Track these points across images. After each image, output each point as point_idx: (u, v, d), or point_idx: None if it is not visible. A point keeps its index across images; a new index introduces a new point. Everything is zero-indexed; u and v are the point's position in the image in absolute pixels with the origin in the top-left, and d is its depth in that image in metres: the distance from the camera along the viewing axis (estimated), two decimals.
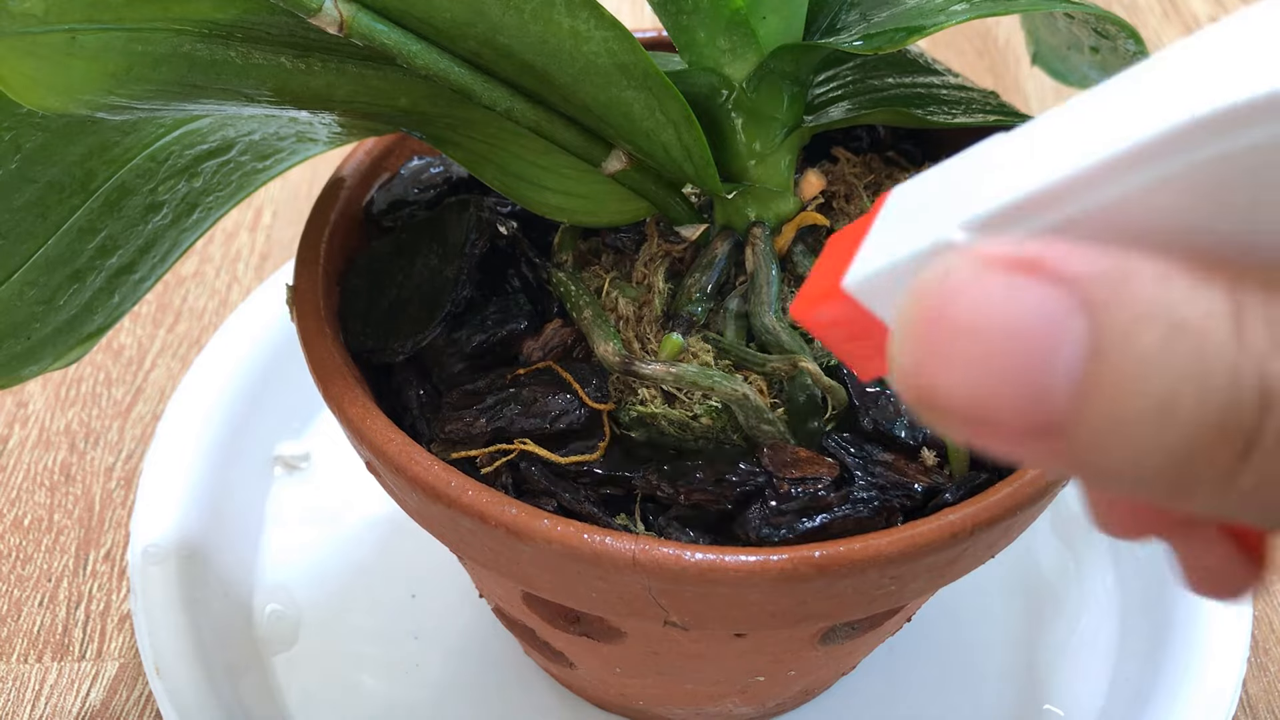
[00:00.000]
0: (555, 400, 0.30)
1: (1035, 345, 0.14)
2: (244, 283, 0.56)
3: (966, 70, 0.70)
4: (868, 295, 0.18)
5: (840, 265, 0.19)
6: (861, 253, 0.18)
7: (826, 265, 0.20)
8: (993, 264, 0.15)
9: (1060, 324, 0.14)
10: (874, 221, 0.19)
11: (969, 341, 0.15)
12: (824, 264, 0.20)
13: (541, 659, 0.39)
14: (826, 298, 0.19)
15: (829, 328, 0.19)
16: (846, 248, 0.19)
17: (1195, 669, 0.39)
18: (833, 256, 0.20)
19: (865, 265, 0.18)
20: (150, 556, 0.42)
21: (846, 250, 0.19)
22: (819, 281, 0.19)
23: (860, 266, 0.18)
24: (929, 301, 0.15)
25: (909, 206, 0.18)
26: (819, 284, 0.19)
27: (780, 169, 0.33)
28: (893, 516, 0.29)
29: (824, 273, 0.19)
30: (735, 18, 0.30)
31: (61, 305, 0.31)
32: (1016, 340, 0.15)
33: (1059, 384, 0.14)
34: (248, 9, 0.26)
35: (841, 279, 0.18)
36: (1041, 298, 0.14)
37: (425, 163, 0.38)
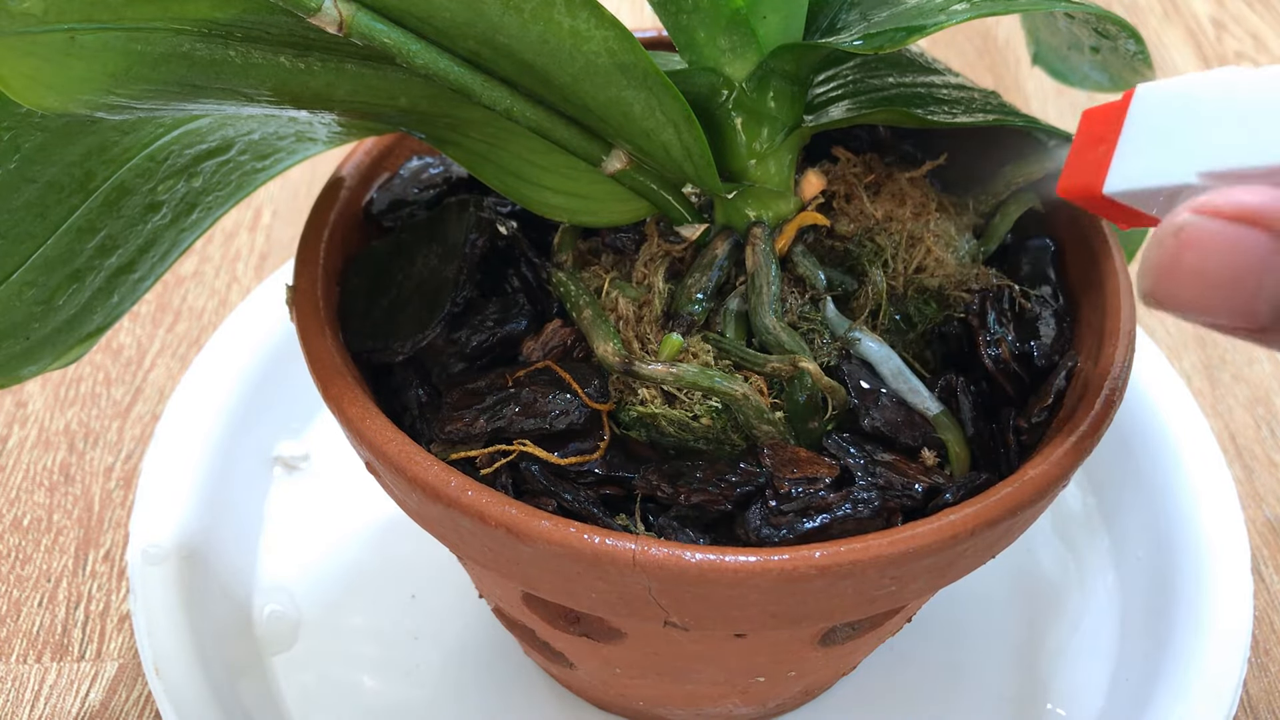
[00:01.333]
0: (555, 400, 0.30)
1: (1246, 278, 0.20)
2: (243, 283, 0.56)
3: (966, 70, 0.70)
4: (1127, 198, 0.24)
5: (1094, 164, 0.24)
6: (1115, 165, 0.24)
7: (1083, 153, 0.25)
8: (1216, 213, 0.21)
9: (1266, 261, 0.20)
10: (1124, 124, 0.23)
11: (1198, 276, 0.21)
12: (1080, 151, 0.25)
13: (541, 659, 0.39)
14: (1087, 194, 0.25)
15: (1090, 203, 0.25)
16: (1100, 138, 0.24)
17: (1195, 669, 0.39)
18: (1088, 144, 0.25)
19: (1119, 179, 0.23)
20: (150, 557, 0.42)
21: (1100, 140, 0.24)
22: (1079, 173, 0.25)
23: (1115, 179, 0.24)
24: (1167, 246, 0.21)
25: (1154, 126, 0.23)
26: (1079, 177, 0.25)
27: (780, 169, 0.33)
28: (893, 517, 0.29)
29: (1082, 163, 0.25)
30: (735, 17, 0.30)
31: (61, 305, 0.31)
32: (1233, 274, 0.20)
33: (1265, 303, 0.20)
34: (247, 8, 0.26)
35: (1100, 186, 0.24)
36: (1250, 241, 0.20)
37: (425, 163, 0.38)
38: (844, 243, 0.34)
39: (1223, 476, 0.45)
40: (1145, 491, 0.45)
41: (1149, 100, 0.23)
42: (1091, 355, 0.32)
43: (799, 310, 0.32)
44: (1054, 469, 0.28)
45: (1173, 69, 0.71)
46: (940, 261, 0.34)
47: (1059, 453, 0.29)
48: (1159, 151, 0.22)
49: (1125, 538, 0.45)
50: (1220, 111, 0.21)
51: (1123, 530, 0.46)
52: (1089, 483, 0.48)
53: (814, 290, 0.33)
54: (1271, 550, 0.46)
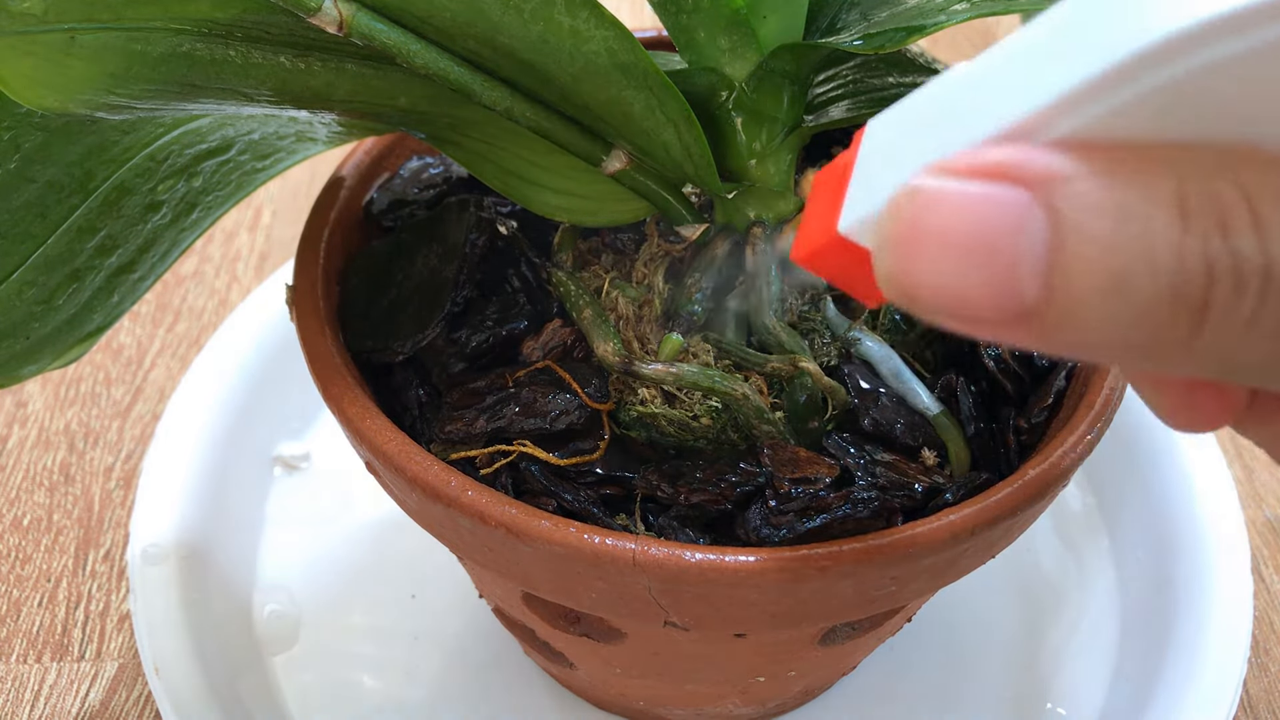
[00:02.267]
0: (555, 400, 0.30)
1: (1001, 241, 0.16)
2: (243, 282, 0.56)
3: None
4: (861, 235, 0.19)
5: (830, 208, 0.20)
6: (850, 195, 0.19)
7: (817, 207, 0.21)
8: (959, 172, 0.17)
9: (1021, 219, 0.16)
10: (855, 161, 0.20)
11: (942, 244, 0.17)
12: (814, 206, 0.21)
13: (541, 659, 0.39)
14: (823, 242, 0.20)
15: (829, 267, 0.21)
16: (833, 189, 0.20)
17: (1196, 669, 0.39)
18: (822, 197, 0.20)
19: (855, 208, 0.19)
20: (150, 556, 0.42)
21: (834, 191, 0.20)
22: (813, 224, 0.21)
23: (851, 209, 0.19)
24: (903, 213, 0.17)
25: (887, 144, 0.19)
26: (814, 227, 0.20)
27: (780, 169, 0.33)
28: (893, 516, 0.29)
29: (817, 215, 0.20)
30: (735, 17, 0.30)
31: (61, 305, 0.31)
32: (984, 239, 0.16)
33: (1026, 275, 0.16)
34: (247, 8, 0.26)
35: (835, 223, 0.20)
36: (1002, 197, 0.16)
37: (425, 162, 0.38)
38: None
39: (1223, 476, 0.45)
40: (1145, 491, 0.45)
41: (876, 130, 0.20)
42: None
43: (799, 310, 0.32)
44: (1054, 469, 0.28)
45: None
46: None
47: (1059, 453, 0.29)
48: (894, 163, 0.18)
49: (1125, 538, 0.45)
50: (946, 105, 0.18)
51: (1123, 530, 0.46)
52: (1089, 483, 0.48)
53: (814, 290, 0.33)
54: (1271, 550, 0.46)
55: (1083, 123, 0.16)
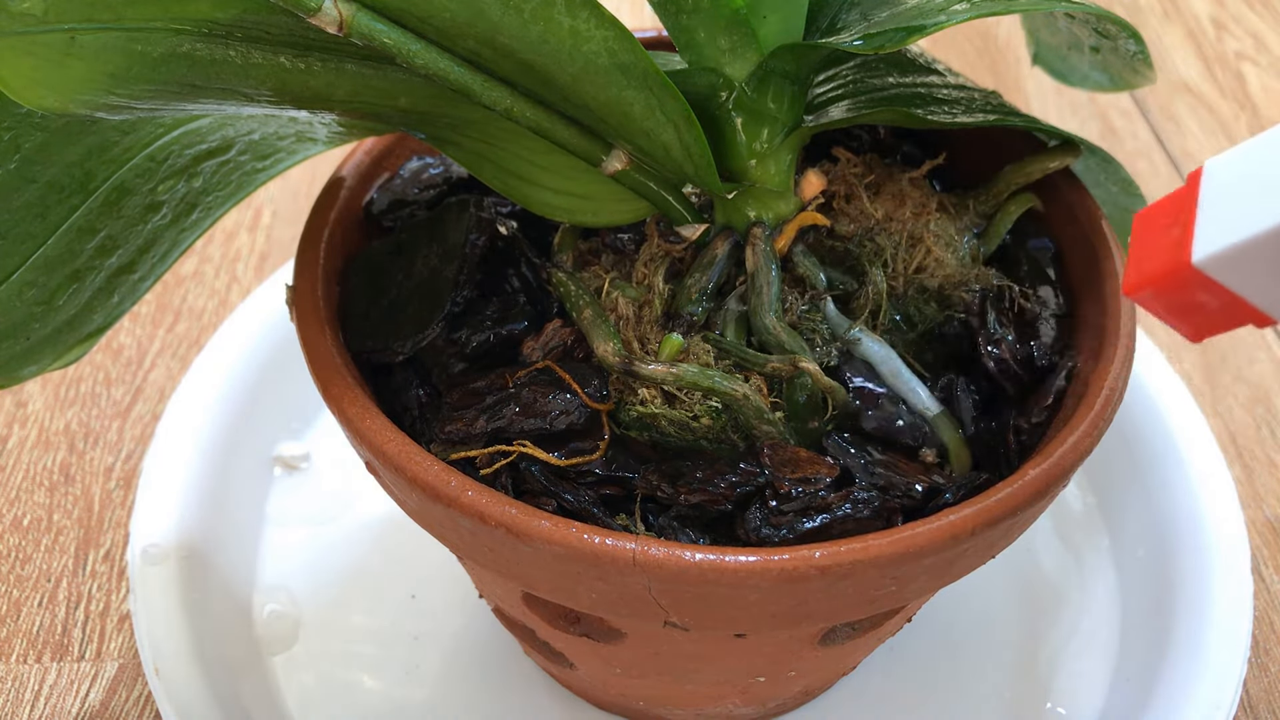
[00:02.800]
0: (555, 400, 0.30)
1: None
2: (244, 283, 0.56)
3: (966, 70, 0.70)
4: (1221, 268, 0.20)
5: (1170, 243, 0.20)
6: (1201, 231, 0.20)
7: (1149, 243, 0.21)
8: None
9: None
10: (1199, 199, 0.20)
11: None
12: (1144, 242, 0.21)
13: (541, 659, 0.39)
14: (1171, 276, 0.20)
15: (1168, 302, 0.21)
16: (1168, 225, 0.21)
17: (1196, 669, 0.39)
18: (1153, 234, 0.21)
19: (1213, 241, 0.20)
20: (150, 556, 0.42)
21: (1168, 228, 0.21)
22: (1150, 259, 0.21)
23: (1208, 242, 0.20)
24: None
25: (1237, 184, 0.20)
26: (1152, 262, 0.21)
27: (780, 169, 0.33)
28: (893, 517, 0.29)
29: (1150, 250, 0.21)
30: (735, 17, 0.30)
31: (61, 305, 0.31)
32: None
33: None
34: (247, 8, 0.26)
35: (1185, 256, 0.20)
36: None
37: (425, 163, 0.38)
38: (844, 243, 0.34)
39: (1223, 476, 0.45)
40: (1145, 492, 0.45)
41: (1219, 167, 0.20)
42: (1091, 355, 0.32)
43: (799, 310, 0.32)
44: (1054, 469, 0.28)
45: (1173, 69, 0.71)
46: (940, 261, 0.34)
47: (1059, 453, 0.29)
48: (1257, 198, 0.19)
49: (1125, 538, 0.45)
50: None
51: (1123, 530, 0.46)
52: (1089, 483, 0.48)
53: (814, 290, 0.32)
54: (1271, 550, 0.46)
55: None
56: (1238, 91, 0.69)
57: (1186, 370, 0.53)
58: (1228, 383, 0.52)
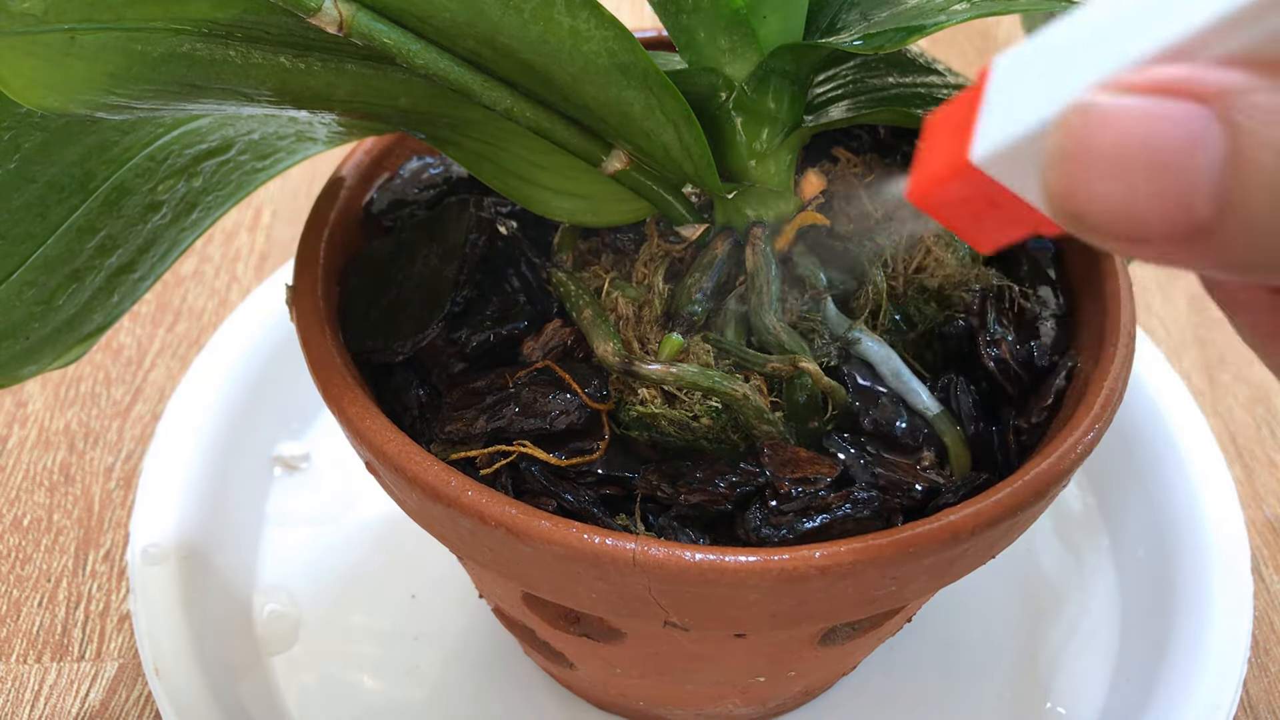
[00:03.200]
0: (555, 400, 0.30)
1: (1176, 156, 0.16)
2: (243, 282, 0.56)
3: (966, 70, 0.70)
4: (998, 166, 0.19)
5: (953, 144, 0.19)
6: (981, 128, 0.19)
7: (934, 146, 0.20)
8: (1131, 88, 0.16)
9: (1197, 133, 0.16)
10: (983, 97, 0.19)
11: (1115, 160, 0.16)
12: (931, 146, 0.20)
13: (541, 659, 0.39)
14: (950, 175, 0.19)
15: (950, 206, 0.20)
16: (954, 126, 0.19)
17: (1196, 669, 0.39)
18: (939, 137, 0.20)
19: (992, 136, 0.19)
20: (150, 556, 0.42)
21: (955, 129, 0.19)
22: (933, 162, 0.20)
23: (987, 138, 0.19)
24: (1075, 130, 0.17)
25: (1022, 77, 0.19)
26: (934, 164, 0.20)
27: (780, 169, 0.33)
28: (893, 517, 0.29)
29: (936, 153, 0.20)
30: (735, 17, 0.30)
31: (61, 305, 0.31)
32: (1158, 153, 0.16)
33: (1201, 189, 0.16)
34: (247, 8, 0.26)
35: (966, 153, 0.19)
36: (1178, 112, 0.16)
37: (425, 163, 0.38)
38: (844, 243, 0.34)
39: (1223, 476, 0.45)
40: (1145, 492, 0.45)
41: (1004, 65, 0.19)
42: (1091, 355, 0.32)
43: (799, 310, 0.32)
44: (1054, 469, 0.28)
45: None
46: (940, 261, 0.34)
47: (1059, 453, 0.29)
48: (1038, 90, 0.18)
49: (1125, 538, 0.45)
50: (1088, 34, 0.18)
51: (1123, 530, 0.46)
52: (1089, 483, 0.48)
53: (814, 290, 0.32)
54: (1271, 550, 0.46)
55: (1242, 43, 0.16)
56: None
57: (1186, 370, 0.53)
58: (1228, 383, 0.52)
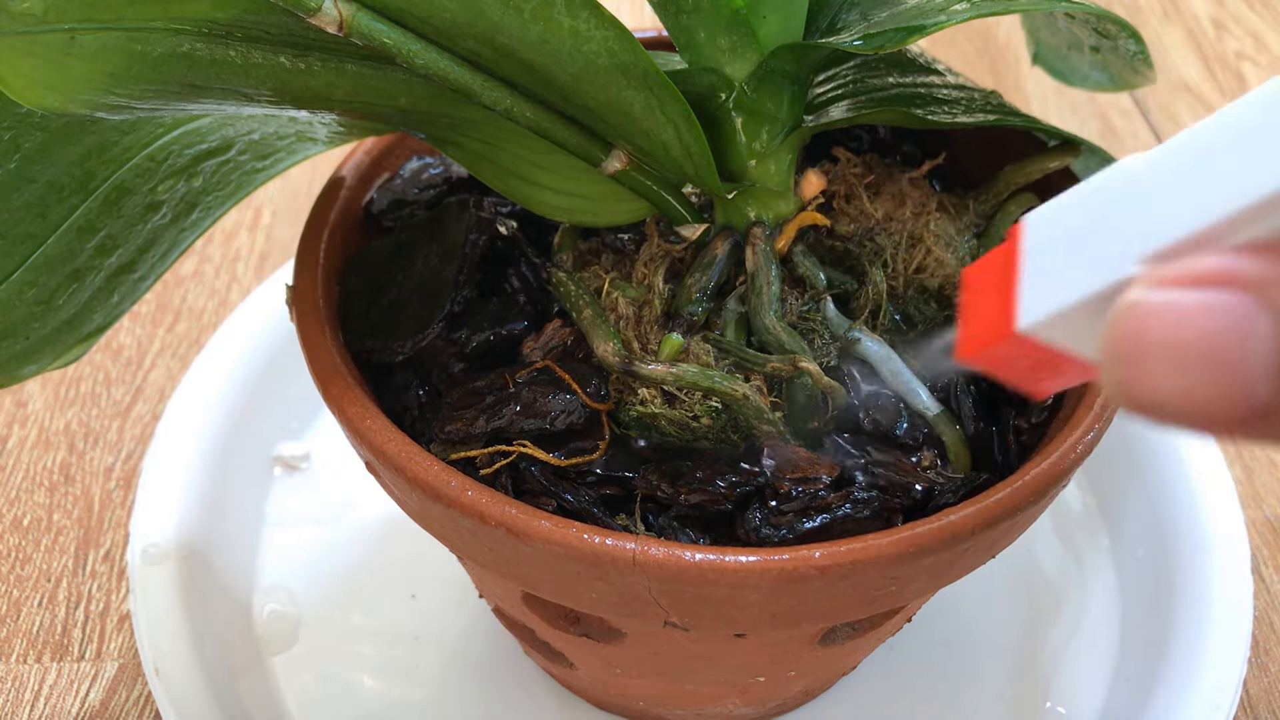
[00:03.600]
0: (555, 400, 0.30)
1: (1229, 345, 0.17)
2: (243, 282, 0.56)
3: (966, 70, 0.70)
4: (1044, 332, 0.20)
5: (996, 305, 0.20)
6: (1024, 297, 0.20)
7: (977, 303, 0.21)
8: (1175, 282, 0.17)
9: (1246, 322, 0.17)
10: (1020, 259, 0.20)
11: (1171, 356, 0.17)
12: (974, 302, 0.21)
13: (541, 659, 0.39)
14: (998, 339, 0.20)
15: (1001, 364, 0.21)
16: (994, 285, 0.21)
17: (1196, 669, 0.39)
18: (981, 294, 0.21)
19: (1037, 308, 0.20)
20: (150, 556, 0.42)
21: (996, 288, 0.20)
22: (979, 323, 0.21)
23: (1031, 310, 0.20)
24: (1129, 330, 0.17)
25: (1059, 242, 0.20)
26: (980, 325, 0.21)
27: (780, 169, 0.33)
28: (893, 517, 0.29)
29: (980, 312, 0.21)
30: (735, 17, 0.30)
31: (61, 305, 0.31)
32: (1213, 345, 0.17)
33: (1258, 374, 0.17)
34: (247, 8, 0.26)
35: (1012, 323, 0.20)
36: (1223, 303, 0.17)
37: (425, 163, 0.38)
38: (844, 243, 0.34)
39: (1223, 476, 0.45)
40: (1145, 491, 0.45)
41: (1040, 224, 0.20)
42: None
43: (799, 310, 0.32)
44: (1054, 469, 0.28)
45: (1173, 69, 0.71)
46: (940, 261, 0.34)
47: (1059, 453, 0.29)
48: (1077, 260, 0.19)
49: (1125, 538, 0.45)
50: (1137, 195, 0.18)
51: (1123, 530, 0.46)
52: (1089, 483, 0.48)
53: (814, 290, 0.32)
54: (1271, 550, 0.46)
55: (1263, 231, 0.17)
56: (1238, 91, 0.69)
57: None
58: None
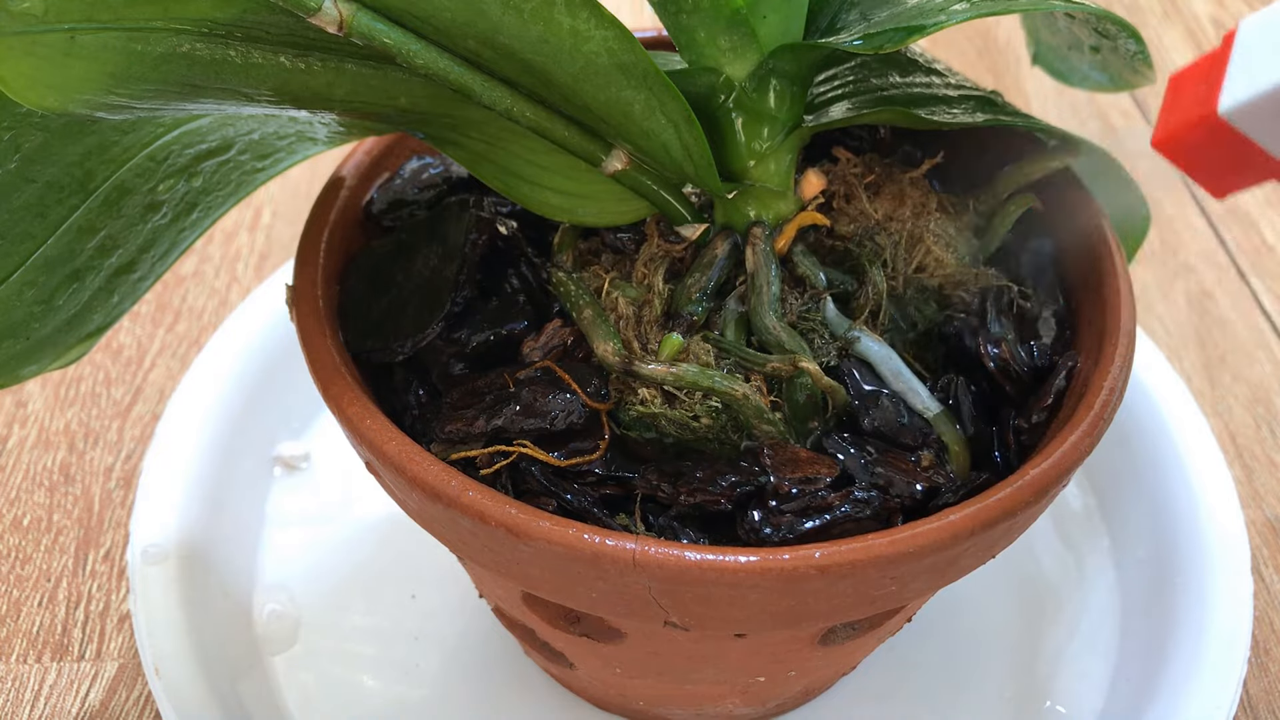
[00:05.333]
0: (555, 400, 0.30)
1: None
2: (244, 282, 0.56)
3: (966, 70, 0.70)
4: (1243, 117, 0.21)
5: (1200, 97, 0.21)
6: (1229, 83, 0.21)
7: (1180, 99, 0.22)
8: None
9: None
10: (1231, 55, 0.21)
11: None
12: (1176, 99, 0.23)
13: (541, 659, 0.39)
14: (1197, 124, 0.22)
15: (1192, 152, 0.22)
16: (1199, 81, 0.22)
17: (1196, 669, 0.39)
18: (1185, 91, 0.22)
19: (1240, 91, 0.21)
20: (150, 556, 0.42)
21: (1201, 83, 0.22)
22: (1179, 112, 0.22)
23: (1232, 93, 0.21)
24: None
25: (1268, 38, 0.21)
26: (1180, 114, 0.22)
27: (780, 169, 0.33)
28: (893, 516, 0.29)
29: (1181, 106, 0.22)
30: (735, 17, 0.30)
31: (61, 305, 0.31)
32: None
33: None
34: (247, 8, 0.26)
35: (1212, 106, 0.21)
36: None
37: (425, 162, 0.38)
38: (844, 243, 0.34)
39: (1223, 476, 0.45)
40: (1145, 491, 0.45)
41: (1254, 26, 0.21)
42: (1091, 355, 0.32)
43: (799, 310, 0.32)
44: (1054, 469, 0.28)
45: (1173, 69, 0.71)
46: (940, 261, 0.34)
47: (1059, 453, 0.29)
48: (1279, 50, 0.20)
49: (1125, 538, 0.45)
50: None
51: (1123, 530, 0.46)
52: (1089, 483, 0.48)
53: (814, 290, 0.32)
54: (1271, 550, 0.46)
55: None
56: None
57: (1186, 370, 0.53)
58: (1228, 383, 0.52)
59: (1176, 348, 0.54)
